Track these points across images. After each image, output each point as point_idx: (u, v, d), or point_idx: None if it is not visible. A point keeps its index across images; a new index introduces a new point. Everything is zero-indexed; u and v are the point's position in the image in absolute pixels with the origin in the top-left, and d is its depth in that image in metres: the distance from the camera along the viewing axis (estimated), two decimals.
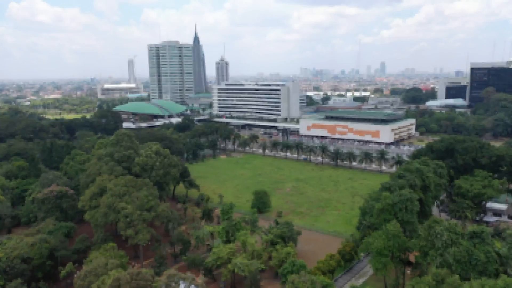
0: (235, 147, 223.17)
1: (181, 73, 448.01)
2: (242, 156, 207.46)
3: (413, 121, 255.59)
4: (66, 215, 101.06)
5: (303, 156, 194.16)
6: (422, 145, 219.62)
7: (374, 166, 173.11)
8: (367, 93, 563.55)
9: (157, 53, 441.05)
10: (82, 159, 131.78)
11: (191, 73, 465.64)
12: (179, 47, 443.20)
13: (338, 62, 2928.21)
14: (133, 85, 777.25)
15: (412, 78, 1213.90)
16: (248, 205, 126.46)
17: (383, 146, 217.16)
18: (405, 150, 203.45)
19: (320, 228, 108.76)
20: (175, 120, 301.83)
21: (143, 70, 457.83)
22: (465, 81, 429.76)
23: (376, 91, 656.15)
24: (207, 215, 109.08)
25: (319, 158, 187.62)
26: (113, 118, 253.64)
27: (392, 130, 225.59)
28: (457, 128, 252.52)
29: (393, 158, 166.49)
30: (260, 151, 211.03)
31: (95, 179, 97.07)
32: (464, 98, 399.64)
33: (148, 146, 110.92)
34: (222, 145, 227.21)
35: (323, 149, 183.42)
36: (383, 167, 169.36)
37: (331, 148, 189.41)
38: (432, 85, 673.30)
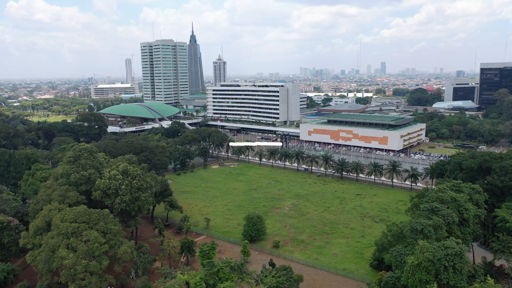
0: (229, 154, 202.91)
1: (175, 73, 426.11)
2: (236, 165, 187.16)
3: (423, 125, 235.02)
4: (8, 253, 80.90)
5: (303, 166, 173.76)
6: (435, 153, 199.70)
7: (384, 178, 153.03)
8: (369, 94, 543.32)
9: (150, 52, 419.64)
10: (43, 176, 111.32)
11: (186, 73, 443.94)
12: (173, 46, 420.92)
13: (338, 62, 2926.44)
14: (128, 85, 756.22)
15: (413, 78, 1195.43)
16: (239, 229, 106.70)
17: (391, 154, 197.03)
18: (418, 160, 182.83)
19: (326, 265, 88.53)
20: (166, 123, 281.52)
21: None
22: (473, 81, 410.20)
23: (378, 91, 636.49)
24: (188, 249, 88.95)
25: (322, 169, 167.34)
26: (97, 122, 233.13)
27: (401, 136, 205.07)
28: (470, 134, 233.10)
29: (406, 170, 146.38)
30: (257, 159, 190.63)
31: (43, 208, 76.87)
32: (472, 99, 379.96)
33: (115, 164, 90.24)
34: (215, 152, 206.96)
35: (327, 160, 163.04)
36: (395, 180, 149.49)
37: (335, 158, 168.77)
38: (436, 86, 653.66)
